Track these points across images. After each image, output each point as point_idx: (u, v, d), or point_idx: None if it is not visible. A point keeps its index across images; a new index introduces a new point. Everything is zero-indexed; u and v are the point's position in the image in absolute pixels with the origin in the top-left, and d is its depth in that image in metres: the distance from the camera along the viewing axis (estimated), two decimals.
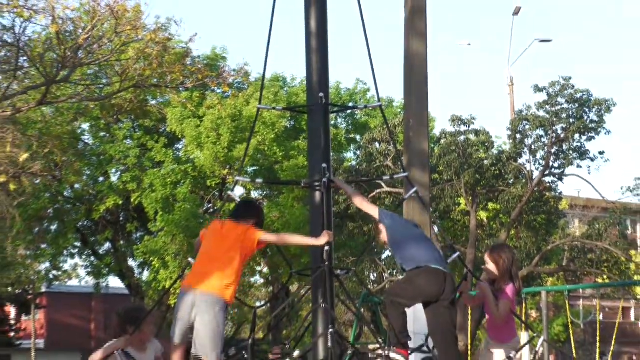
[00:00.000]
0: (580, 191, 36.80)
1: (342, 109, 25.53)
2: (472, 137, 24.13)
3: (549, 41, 28.61)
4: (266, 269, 28.05)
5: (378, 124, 26.12)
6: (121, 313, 6.72)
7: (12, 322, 40.45)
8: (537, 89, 23.45)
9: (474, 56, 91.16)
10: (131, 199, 24.60)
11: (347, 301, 8.50)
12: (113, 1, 15.59)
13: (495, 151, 24.44)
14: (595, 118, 23.11)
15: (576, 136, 23.24)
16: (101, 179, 25.83)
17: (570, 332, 15.45)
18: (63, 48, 15.31)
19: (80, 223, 27.18)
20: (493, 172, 23.47)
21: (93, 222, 26.95)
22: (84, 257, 28.42)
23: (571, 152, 23.46)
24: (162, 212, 23.24)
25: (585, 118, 23.06)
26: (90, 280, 29.99)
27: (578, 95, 23.09)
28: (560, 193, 25.24)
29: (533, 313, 30.04)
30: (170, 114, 23.80)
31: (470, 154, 23.48)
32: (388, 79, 67.41)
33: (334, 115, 25.61)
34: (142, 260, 25.23)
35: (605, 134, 23.28)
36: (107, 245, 28.05)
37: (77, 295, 42.62)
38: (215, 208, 24.41)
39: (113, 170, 25.63)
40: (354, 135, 28.75)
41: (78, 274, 32.06)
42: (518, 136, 23.81)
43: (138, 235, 27.14)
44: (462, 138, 24.01)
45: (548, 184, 24.44)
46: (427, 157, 12.36)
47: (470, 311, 17.25)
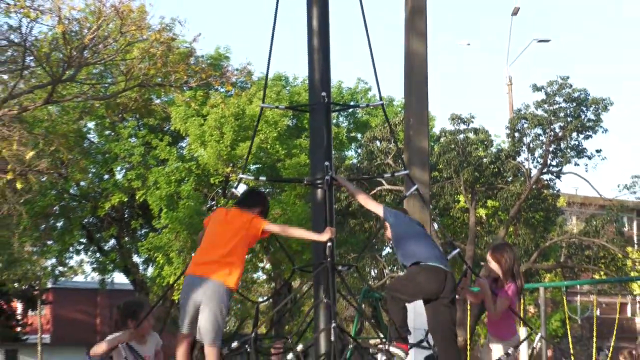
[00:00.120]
0: (577, 189, 36.64)
1: (344, 108, 25.39)
2: (472, 136, 24.16)
3: (547, 41, 28.47)
4: (269, 265, 27.94)
5: (379, 123, 26.04)
6: (121, 307, 6.73)
7: (19, 318, 40.11)
8: (536, 88, 23.52)
9: (474, 56, 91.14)
10: (136, 197, 24.64)
11: (349, 296, 8.36)
12: (118, 2, 15.45)
13: (494, 149, 24.49)
14: (592, 117, 23.16)
15: (574, 134, 23.29)
16: (106, 177, 25.85)
17: (567, 328, 15.47)
18: (69, 48, 15.19)
19: (85, 220, 27.14)
20: (492, 170, 23.54)
21: (98, 219, 26.98)
22: (90, 254, 28.36)
23: (569, 150, 23.51)
24: (166, 209, 23.27)
25: (582, 117, 23.11)
26: (95, 276, 29.75)
27: (575, 94, 23.15)
28: (558, 190, 25.26)
29: (531, 309, 29.95)
30: (174, 113, 23.74)
31: (469, 152, 23.54)
32: (388, 78, 67.53)
33: (336, 114, 25.44)
34: (147, 256, 25.21)
35: (602, 133, 23.36)
36: (112, 241, 28.00)
37: (83, 290, 42.59)
38: (218, 205, 24.36)
39: (118, 168, 25.66)
40: (355, 133, 28.62)
41: (83, 270, 32.03)
42: (516, 135, 23.85)
43: (143, 232, 27.11)
44: (462, 136, 24.05)
45: (546, 182, 24.50)
46: (427, 155, 12.40)
47: (469, 307, 17.39)
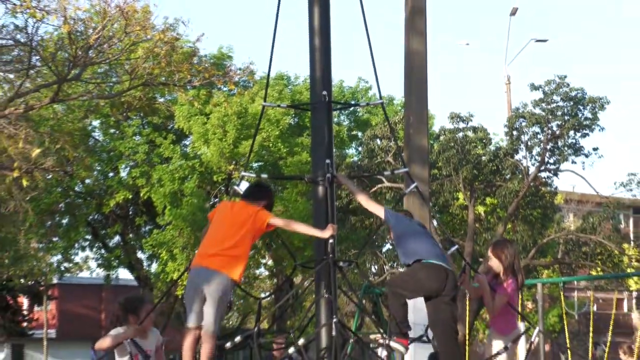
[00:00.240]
0: (574, 186, 36.34)
1: (345, 107, 25.07)
2: (470, 134, 24.19)
3: (545, 41, 28.50)
4: (271, 262, 28.16)
5: (379, 121, 26.03)
6: (122, 302, 6.77)
7: (25, 313, 39.96)
8: (534, 88, 23.52)
9: (473, 56, 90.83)
10: (140, 194, 24.76)
11: (349, 292, 8.45)
12: (123, 2, 15.56)
13: (492, 147, 24.53)
14: (589, 115, 23.19)
15: (571, 133, 23.32)
16: (111, 174, 26.03)
17: (564, 323, 15.75)
18: (74, 47, 15.27)
19: (90, 217, 27.29)
20: (490, 168, 23.57)
21: (103, 216, 27.10)
22: (95, 250, 28.55)
23: (566, 149, 23.54)
24: (170, 207, 23.44)
25: (579, 115, 23.14)
26: (100, 272, 30.09)
27: (573, 93, 23.18)
28: (555, 188, 25.28)
29: (529, 304, 30.03)
30: (178, 111, 23.89)
31: (468, 150, 23.56)
32: (389, 78, 67.43)
33: (337, 112, 25.38)
34: (151, 252, 25.37)
35: (599, 131, 23.38)
36: (117, 238, 28.16)
37: (88, 286, 42.58)
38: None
39: (123, 165, 25.80)
40: (356, 132, 28.69)
41: (89, 266, 32.04)
42: (515, 133, 23.85)
43: (147, 228, 27.28)
44: (461, 135, 24.06)
45: (544, 179, 24.57)
46: (427, 153, 12.43)
47: (468, 302, 17.57)
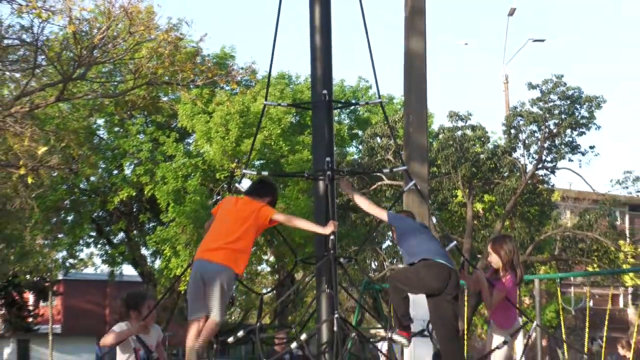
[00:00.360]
0: (571, 184, 36.66)
1: (345, 105, 24.98)
2: (469, 132, 24.44)
3: (542, 41, 28.75)
4: (272, 258, 28.32)
5: (379, 120, 26.14)
6: (125, 298, 6.86)
7: (31, 308, 40.44)
8: (531, 87, 23.80)
9: (471, 55, 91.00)
10: (144, 191, 25.02)
11: (350, 288, 8.71)
12: (127, 3, 15.56)
13: (490, 146, 24.78)
14: (586, 114, 23.45)
15: (568, 131, 23.59)
16: (115, 172, 26.23)
17: (561, 318, 15.96)
18: (79, 47, 15.22)
19: (95, 214, 27.50)
20: (488, 166, 23.82)
21: (108, 213, 27.31)
22: (99, 246, 28.67)
23: (563, 147, 23.79)
24: (174, 204, 23.66)
25: (576, 114, 23.39)
26: (105, 268, 30.25)
27: (570, 92, 23.43)
28: (552, 185, 25.54)
29: (526, 300, 30.32)
30: (181, 110, 24.04)
31: (467, 148, 23.81)
32: (389, 77, 67.48)
33: (337, 111, 25.44)
34: (155, 249, 25.60)
35: (595, 130, 23.66)
36: (121, 235, 28.37)
37: (93, 282, 42.68)
38: None
39: (127, 163, 26.04)
40: (357, 130, 28.86)
41: (93, 262, 32.31)
42: (512, 131, 24.11)
43: (150, 225, 27.48)
44: (460, 133, 24.32)
45: (541, 177, 24.79)
46: (426, 151, 12.44)
47: (466, 297, 17.86)
